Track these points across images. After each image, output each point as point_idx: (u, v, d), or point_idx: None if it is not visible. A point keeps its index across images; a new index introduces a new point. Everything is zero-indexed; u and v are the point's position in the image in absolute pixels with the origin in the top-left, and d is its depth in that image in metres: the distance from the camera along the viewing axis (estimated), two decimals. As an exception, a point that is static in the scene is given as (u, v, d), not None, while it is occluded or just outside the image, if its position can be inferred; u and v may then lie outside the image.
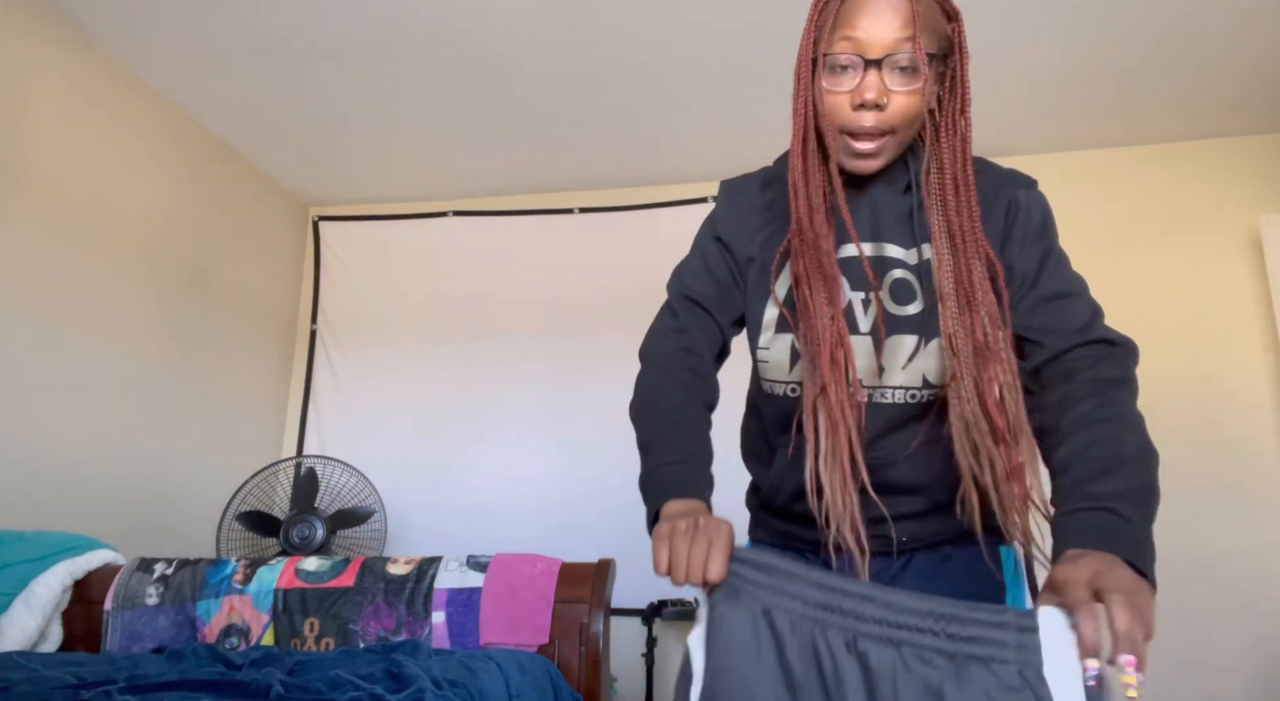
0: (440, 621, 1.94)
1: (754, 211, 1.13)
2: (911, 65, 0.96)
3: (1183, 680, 2.77)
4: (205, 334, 3.16)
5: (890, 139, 1.00)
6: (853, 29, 0.96)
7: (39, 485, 2.43)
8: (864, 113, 0.98)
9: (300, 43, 2.69)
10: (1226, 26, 2.57)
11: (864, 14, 0.96)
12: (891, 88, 0.97)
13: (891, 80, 0.96)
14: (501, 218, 3.72)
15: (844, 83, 0.98)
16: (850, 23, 0.97)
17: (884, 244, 1.06)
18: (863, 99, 0.97)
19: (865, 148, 1.00)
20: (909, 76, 0.96)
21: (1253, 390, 2.95)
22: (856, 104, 0.98)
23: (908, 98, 0.97)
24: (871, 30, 0.96)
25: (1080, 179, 3.27)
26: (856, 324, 1.04)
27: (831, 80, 0.99)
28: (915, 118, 0.99)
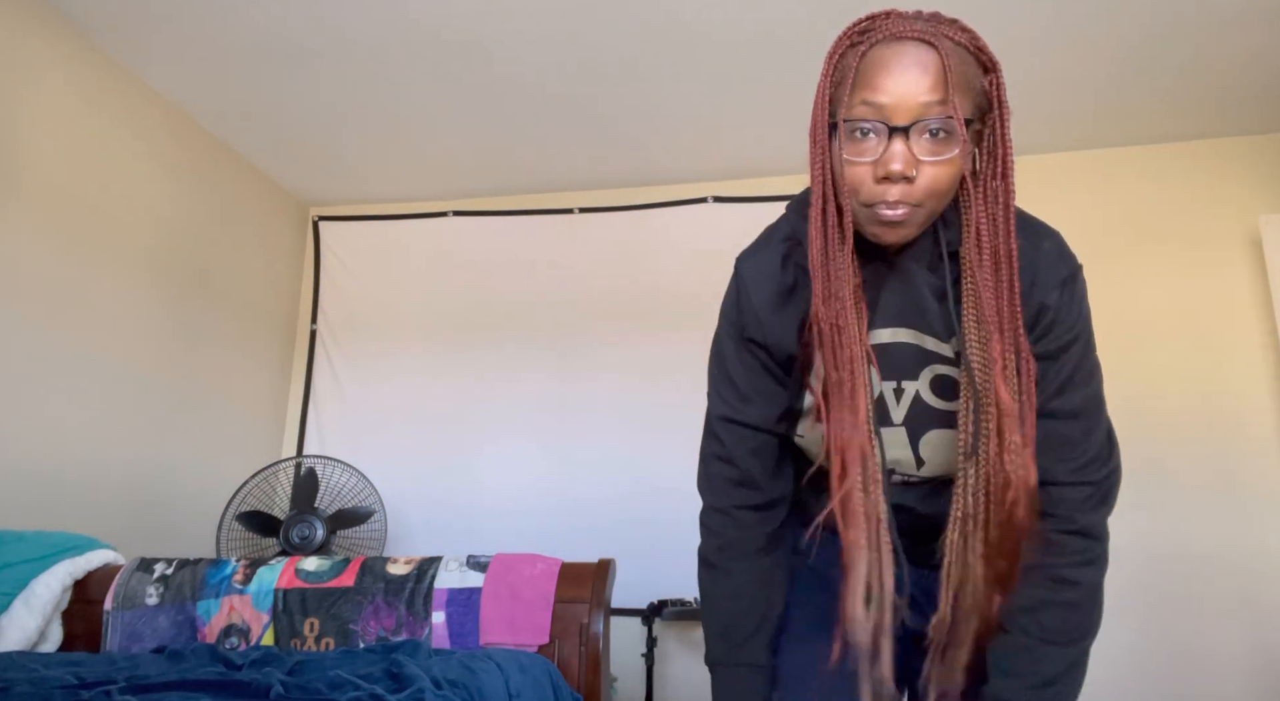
0: (440, 621, 1.94)
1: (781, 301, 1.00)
2: (944, 130, 0.84)
3: (1182, 680, 2.77)
4: (205, 334, 3.16)
5: (919, 211, 0.88)
6: (874, 91, 0.85)
7: (39, 485, 2.43)
8: (889, 186, 0.86)
9: (300, 43, 2.69)
10: (1227, 26, 2.57)
11: (888, 73, 0.85)
12: (920, 157, 0.85)
13: (920, 149, 0.85)
14: (501, 218, 3.72)
15: (866, 152, 0.86)
16: (872, 83, 0.85)
17: (923, 335, 0.95)
18: (888, 171, 0.85)
19: (892, 215, 0.87)
20: (941, 143, 0.85)
21: (1252, 390, 2.95)
22: (880, 176, 0.85)
23: (938, 169, 0.85)
24: (896, 92, 0.84)
25: (1080, 179, 3.27)
26: (889, 414, 0.97)
27: (852, 148, 0.87)
28: (948, 190, 0.88)
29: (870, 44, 0.87)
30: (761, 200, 3.49)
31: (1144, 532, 2.92)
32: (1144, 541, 2.92)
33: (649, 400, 3.30)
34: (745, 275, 1.03)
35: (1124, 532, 3.02)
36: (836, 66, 0.89)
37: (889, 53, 0.86)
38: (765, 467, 1.06)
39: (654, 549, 3.09)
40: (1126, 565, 2.92)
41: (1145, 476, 2.97)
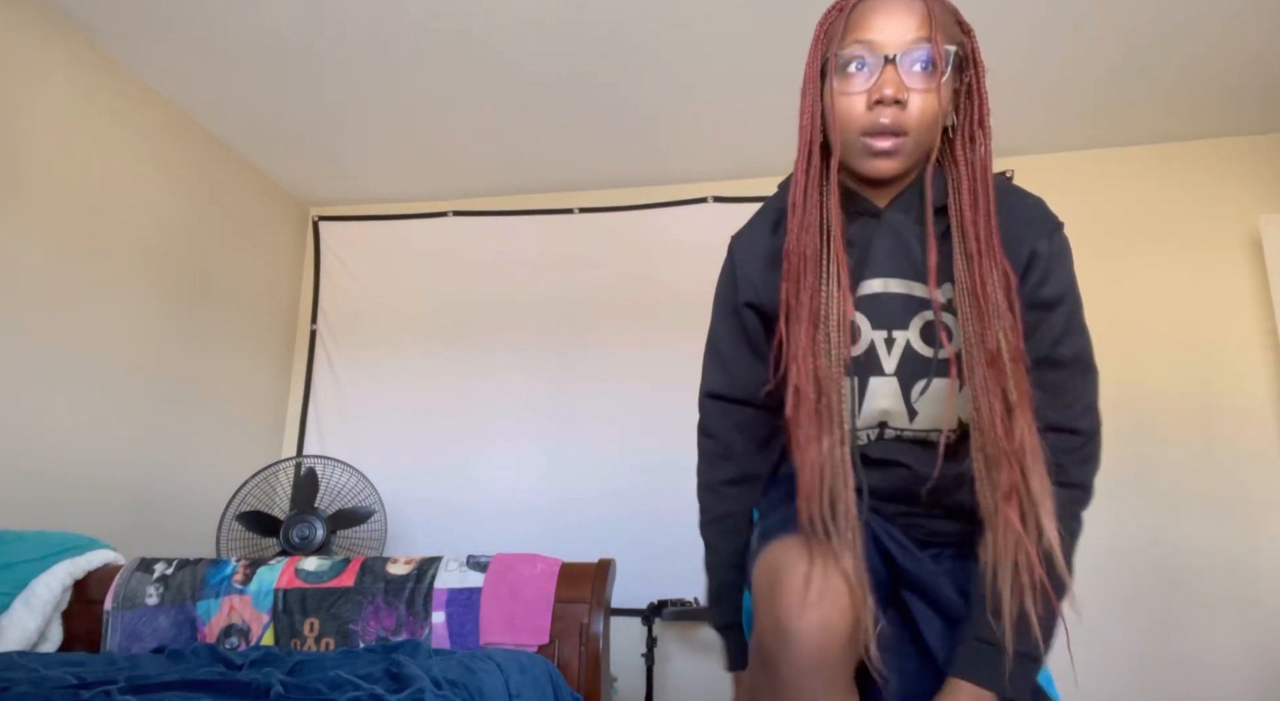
0: (440, 621, 1.94)
1: (772, 262, 1.03)
2: (930, 63, 0.92)
3: (1182, 680, 2.77)
4: (205, 334, 3.16)
5: (907, 140, 0.94)
6: (867, 30, 0.93)
7: (39, 485, 2.43)
8: (882, 109, 0.92)
9: (300, 43, 2.69)
10: (1227, 25, 2.57)
11: (878, 15, 0.93)
12: (910, 85, 0.92)
13: (909, 78, 0.92)
14: (501, 218, 3.72)
15: (858, 83, 0.94)
16: (864, 25, 0.94)
17: (912, 283, 0.98)
18: (881, 94, 0.92)
19: (884, 145, 0.93)
20: (927, 75, 0.92)
21: (1252, 390, 2.95)
22: (874, 100, 0.92)
23: (926, 96, 0.93)
24: (886, 29, 0.93)
25: (1080, 179, 3.27)
26: (881, 364, 0.99)
27: (844, 82, 0.95)
28: (933, 121, 0.94)
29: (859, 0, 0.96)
30: (761, 200, 3.49)
31: (1143, 532, 2.92)
32: (1143, 540, 2.91)
33: (649, 400, 3.30)
34: (737, 248, 1.10)
35: (1123, 531, 3.04)
36: (832, 21, 0.98)
37: (878, 2, 0.95)
38: (749, 443, 1.11)
39: (654, 549, 3.09)
40: (1126, 564, 2.92)
41: (1145, 475, 2.97)
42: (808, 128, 0.97)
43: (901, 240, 0.99)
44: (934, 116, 0.94)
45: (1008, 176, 3.32)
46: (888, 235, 0.99)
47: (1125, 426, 3.02)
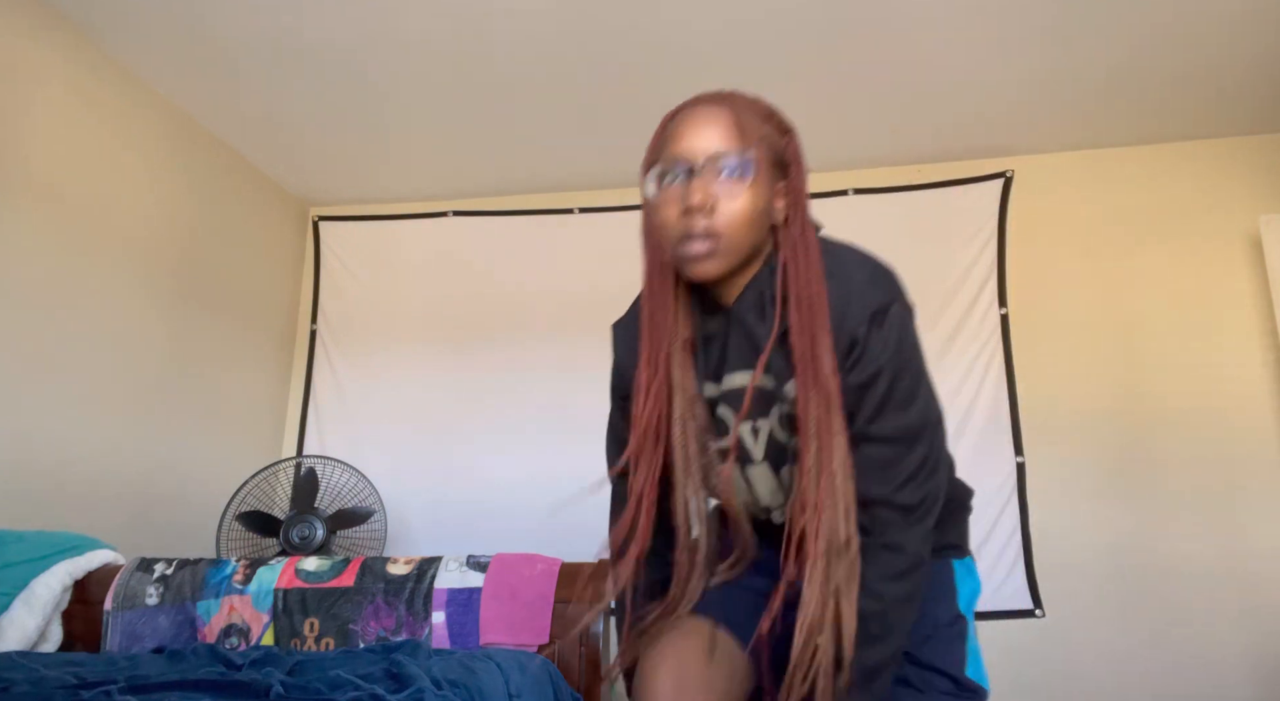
0: (440, 621, 1.94)
1: None
2: (737, 167, 0.97)
3: (1181, 680, 2.77)
4: (205, 334, 3.16)
5: (720, 242, 0.98)
6: (678, 143, 1.00)
7: (39, 485, 2.43)
8: (691, 217, 0.97)
9: (300, 43, 2.69)
10: (1226, 26, 2.57)
11: (687, 126, 1.01)
12: (717, 191, 0.97)
13: (717, 185, 0.97)
14: (501, 218, 3.72)
15: (672, 193, 1.00)
16: (674, 138, 1.01)
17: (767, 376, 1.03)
18: (688, 203, 0.97)
19: (698, 249, 0.98)
20: (735, 181, 0.97)
21: (1252, 390, 2.95)
22: (683, 209, 0.97)
23: (733, 201, 0.97)
24: (692, 140, 0.99)
25: (1079, 179, 3.27)
26: (750, 453, 1.06)
27: (660, 194, 1.01)
28: (747, 219, 0.98)
29: (672, 115, 1.05)
30: (761, 200, 3.49)
31: (1143, 532, 2.92)
32: (1143, 541, 2.92)
33: (649, 400, 3.29)
34: (616, 339, 1.17)
35: (1123, 532, 3.04)
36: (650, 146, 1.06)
37: (686, 114, 1.04)
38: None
39: (654, 549, 3.09)
40: (1126, 564, 2.92)
41: (1145, 475, 2.97)
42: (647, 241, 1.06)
43: (750, 335, 1.04)
44: (746, 217, 0.98)
45: (1008, 176, 3.32)
46: (739, 332, 1.04)
47: (1125, 426, 3.02)
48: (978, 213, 3.32)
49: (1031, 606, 2.94)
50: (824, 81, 2.85)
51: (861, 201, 3.42)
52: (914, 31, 2.61)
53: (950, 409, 3.14)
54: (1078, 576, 2.94)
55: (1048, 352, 3.13)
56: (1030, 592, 2.96)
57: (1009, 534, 3.01)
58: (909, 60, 2.75)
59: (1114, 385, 3.07)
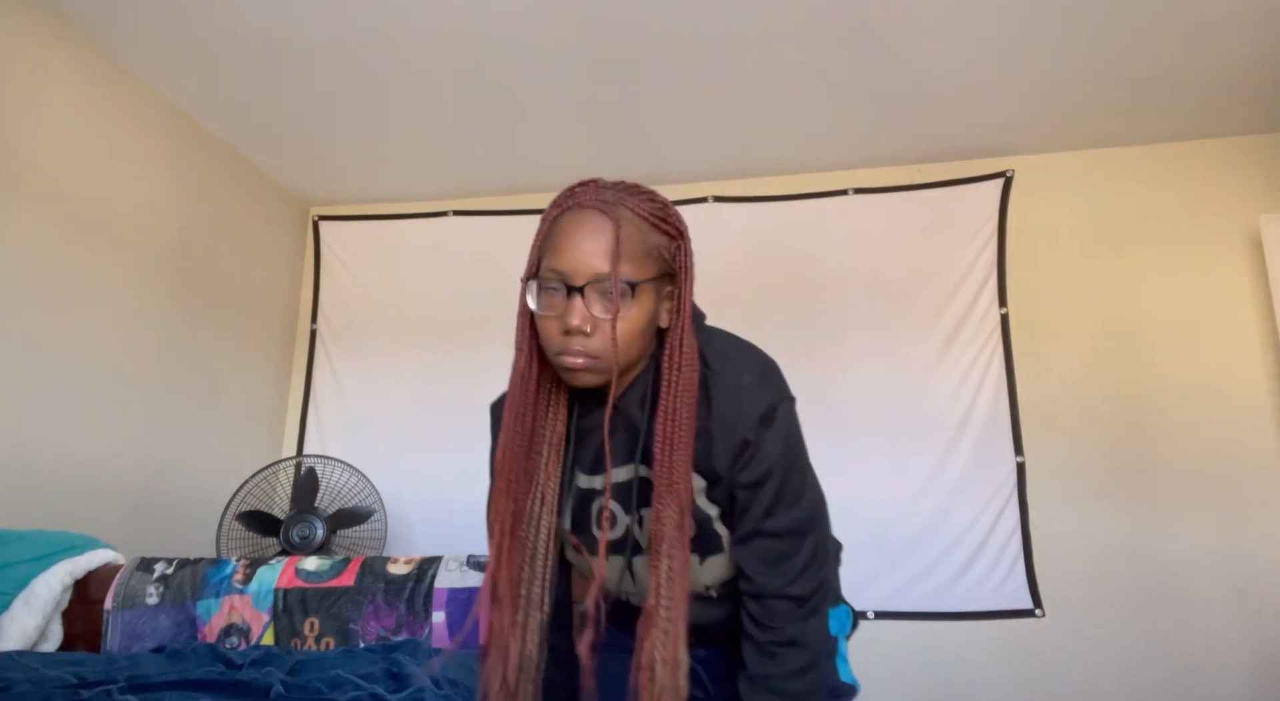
0: (440, 621, 1.94)
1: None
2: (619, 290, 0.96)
3: (1181, 680, 2.77)
4: (205, 334, 3.16)
5: (599, 362, 0.99)
6: (558, 256, 0.98)
7: (39, 485, 2.43)
8: (570, 338, 0.98)
9: (300, 43, 2.69)
10: (1226, 26, 2.57)
11: (568, 238, 0.98)
12: (595, 314, 0.97)
13: (595, 306, 0.97)
14: (501, 218, 3.72)
15: (555, 307, 0.99)
16: (557, 247, 0.99)
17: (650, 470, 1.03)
18: (566, 325, 0.97)
19: (575, 364, 0.99)
20: (610, 305, 0.96)
21: (1252, 390, 2.95)
22: (562, 330, 0.98)
23: (610, 325, 0.97)
24: (574, 257, 0.97)
25: (1080, 179, 3.27)
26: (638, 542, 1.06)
27: (544, 302, 1.00)
28: (626, 342, 0.99)
29: (562, 210, 1.02)
30: (761, 200, 3.49)
31: (1143, 532, 2.92)
32: (1143, 541, 2.91)
33: (649, 400, 3.29)
34: (491, 419, 1.17)
35: (1123, 532, 3.04)
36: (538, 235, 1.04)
37: (573, 221, 1.00)
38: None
39: (654, 549, 3.09)
40: (1126, 564, 2.92)
41: (1145, 475, 2.97)
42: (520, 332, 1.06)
43: (634, 430, 1.05)
44: (626, 338, 0.98)
45: (1008, 176, 3.32)
46: (623, 426, 1.06)
47: (1125, 426, 3.02)
48: (978, 213, 3.32)
49: (1031, 606, 2.94)
50: (824, 81, 2.85)
51: (861, 201, 3.42)
52: (914, 31, 2.61)
53: (950, 409, 3.15)
54: (1078, 576, 2.94)
55: (1048, 353, 3.13)
56: (1030, 592, 2.96)
57: (1009, 534, 3.01)
58: (909, 60, 2.75)
59: (1114, 385, 3.07)
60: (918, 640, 2.97)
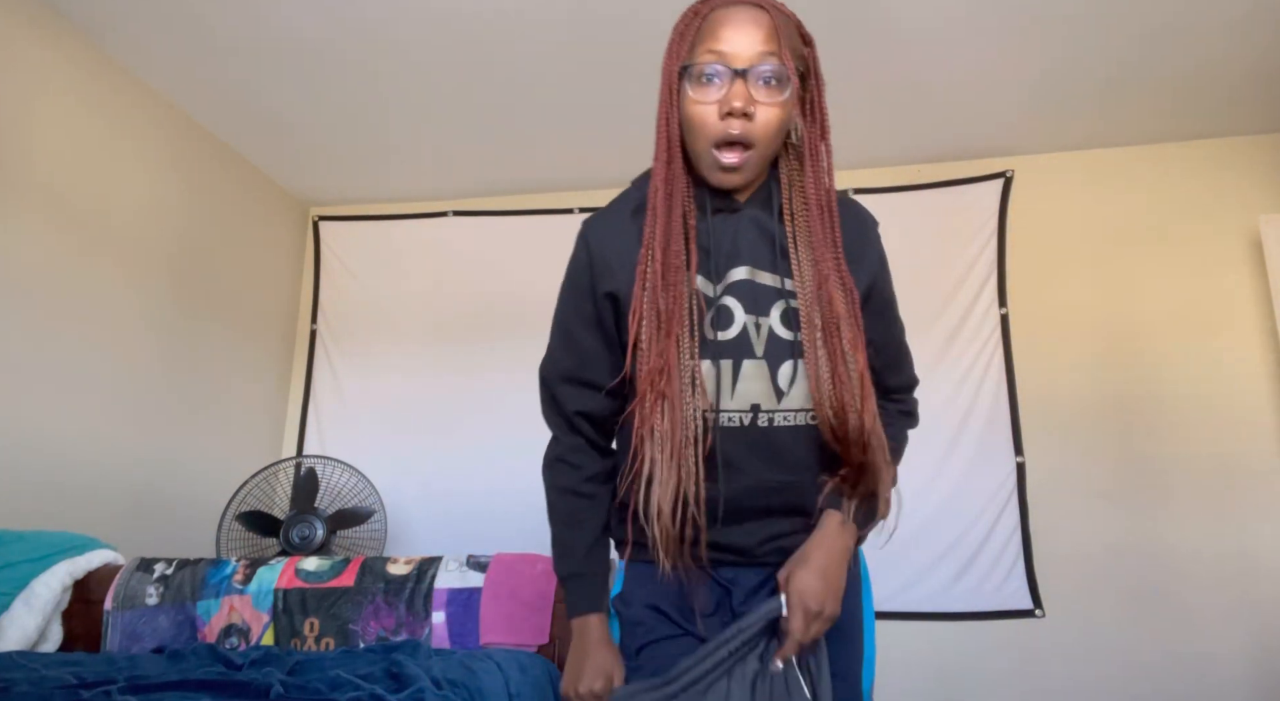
0: (440, 621, 1.94)
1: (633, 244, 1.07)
2: (776, 77, 0.99)
3: (1181, 680, 2.77)
4: (205, 334, 3.16)
5: (753, 153, 1.02)
6: (717, 42, 1.00)
7: (39, 485, 2.43)
8: (731, 121, 0.99)
9: (300, 42, 2.69)
10: (1226, 26, 2.57)
11: (728, 27, 1.00)
12: (757, 98, 0.99)
13: (757, 91, 0.99)
14: (501, 218, 3.72)
15: (711, 93, 1.00)
16: (715, 36, 1.00)
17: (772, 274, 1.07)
18: (730, 107, 0.98)
19: (730, 161, 1.01)
20: (773, 88, 0.99)
21: (1252, 390, 2.95)
22: (724, 112, 0.99)
23: (772, 109, 1.00)
24: (736, 42, 0.99)
25: (1080, 179, 3.27)
26: (752, 348, 1.05)
27: (699, 92, 1.01)
28: (778, 131, 1.02)
29: (711, 7, 1.03)
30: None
31: (1143, 532, 2.92)
32: (1143, 541, 2.91)
33: (649, 400, 3.29)
34: (594, 233, 1.12)
35: (1123, 531, 3.04)
36: (684, 29, 1.04)
37: (728, 12, 1.02)
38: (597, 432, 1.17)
39: (654, 549, 3.09)
40: (1126, 564, 2.92)
41: (1144, 476, 2.97)
42: (665, 132, 1.05)
43: (762, 233, 1.07)
44: (778, 127, 1.02)
45: (1008, 176, 3.32)
46: (750, 228, 1.07)
47: (1125, 426, 3.02)
48: (978, 213, 3.32)
49: (1031, 606, 2.94)
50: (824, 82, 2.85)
51: (862, 201, 3.42)
52: (914, 31, 2.61)
53: (950, 409, 3.14)
54: (1078, 576, 2.94)
55: (1048, 353, 3.13)
56: (1030, 592, 2.96)
57: (1009, 534, 3.01)
58: (909, 60, 2.75)
59: (1114, 385, 3.07)
60: (918, 640, 2.97)
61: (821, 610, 1.00)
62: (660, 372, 1.00)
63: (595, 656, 1.09)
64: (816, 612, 1.00)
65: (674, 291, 1.01)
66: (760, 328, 1.04)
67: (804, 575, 1.01)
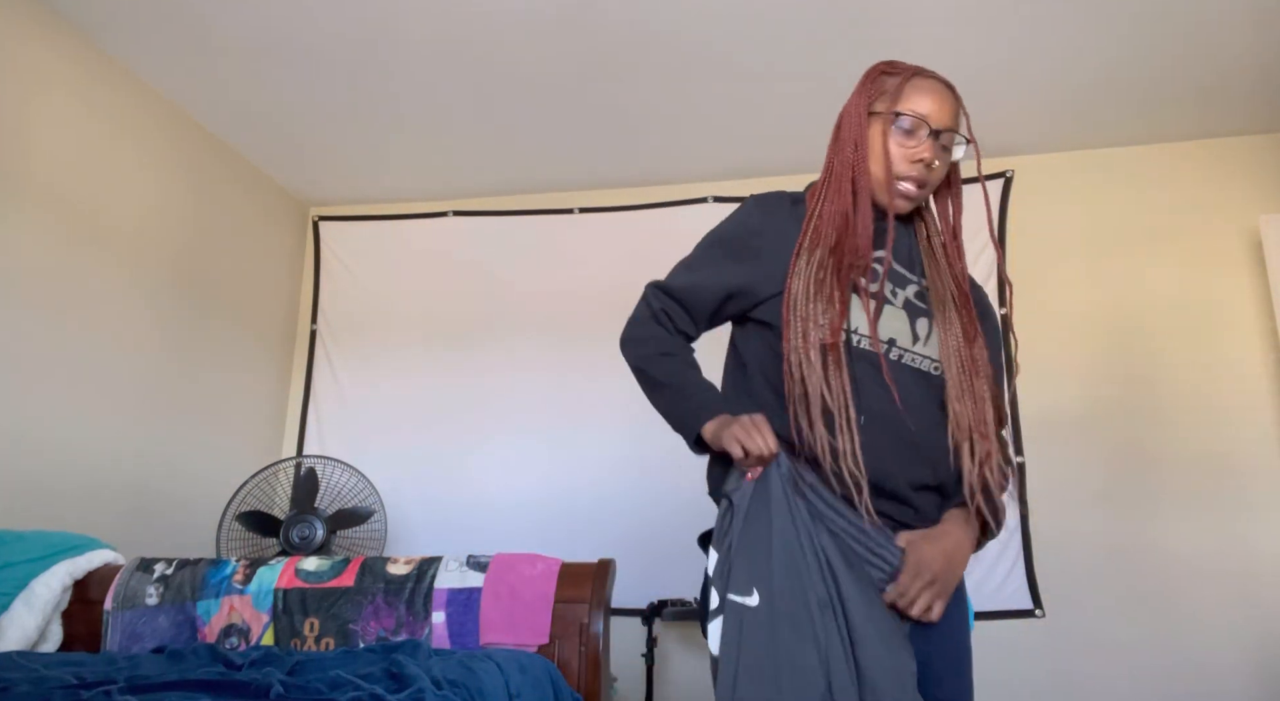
0: (440, 621, 1.94)
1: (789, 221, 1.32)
2: (952, 144, 1.28)
3: (1181, 680, 2.77)
4: (205, 334, 3.16)
5: (925, 190, 1.29)
6: (923, 106, 1.25)
7: (39, 485, 2.43)
8: (918, 167, 1.26)
9: (300, 42, 2.69)
10: (1227, 26, 2.57)
11: (932, 96, 1.26)
12: (938, 157, 1.26)
13: (940, 154, 1.27)
14: (501, 218, 3.72)
15: (910, 142, 1.26)
16: (920, 100, 1.26)
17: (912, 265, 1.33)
18: (922, 157, 1.25)
19: (912, 191, 1.28)
20: (948, 151, 1.28)
21: (1252, 390, 2.95)
22: (916, 159, 1.26)
23: (944, 167, 1.29)
24: (940, 112, 1.26)
25: (1080, 179, 3.27)
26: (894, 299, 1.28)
27: (899, 138, 1.26)
28: (938, 180, 1.30)
29: (910, 73, 1.29)
30: (761, 200, 3.49)
31: (1143, 532, 2.92)
32: (1143, 541, 2.91)
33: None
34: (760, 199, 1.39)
35: (1123, 532, 3.04)
36: (876, 82, 1.30)
37: (928, 82, 1.28)
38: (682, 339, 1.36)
39: (654, 549, 3.09)
40: (1126, 564, 2.92)
41: (1144, 477, 2.97)
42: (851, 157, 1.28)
43: (904, 243, 1.35)
44: (941, 179, 1.31)
45: (1008, 176, 3.32)
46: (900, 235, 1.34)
47: (1125, 426, 3.02)
48: (978, 212, 3.31)
49: (1031, 606, 2.94)
50: (823, 82, 2.85)
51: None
52: (912, 31, 2.61)
53: (950, 409, 3.14)
54: (1078, 576, 2.94)
55: (1048, 353, 3.13)
56: (1030, 592, 2.96)
57: (1009, 534, 3.01)
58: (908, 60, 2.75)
59: (1114, 385, 3.07)
60: (918, 640, 2.97)
61: (934, 580, 1.13)
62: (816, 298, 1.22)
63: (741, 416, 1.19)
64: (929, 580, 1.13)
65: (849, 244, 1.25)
66: (898, 293, 1.28)
67: (927, 546, 1.16)
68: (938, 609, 1.14)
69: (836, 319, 1.20)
